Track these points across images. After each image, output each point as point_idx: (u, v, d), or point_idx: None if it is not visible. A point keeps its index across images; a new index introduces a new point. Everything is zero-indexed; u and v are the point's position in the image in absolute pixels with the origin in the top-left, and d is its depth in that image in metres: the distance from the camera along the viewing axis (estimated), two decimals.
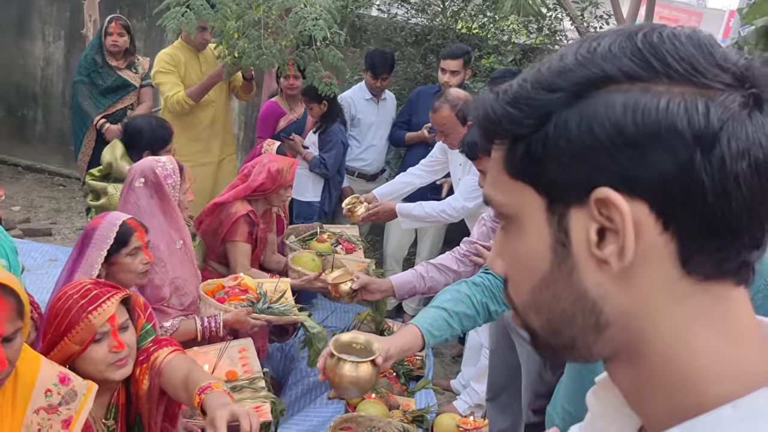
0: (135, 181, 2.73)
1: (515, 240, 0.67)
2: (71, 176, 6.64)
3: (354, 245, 4.05)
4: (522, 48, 5.43)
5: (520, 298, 0.68)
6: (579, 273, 0.62)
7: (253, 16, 3.72)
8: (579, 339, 0.64)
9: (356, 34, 5.62)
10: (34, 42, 6.76)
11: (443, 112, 3.50)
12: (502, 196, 0.67)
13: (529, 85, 0.63)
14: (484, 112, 0.66)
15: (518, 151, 0.64)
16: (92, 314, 1.88)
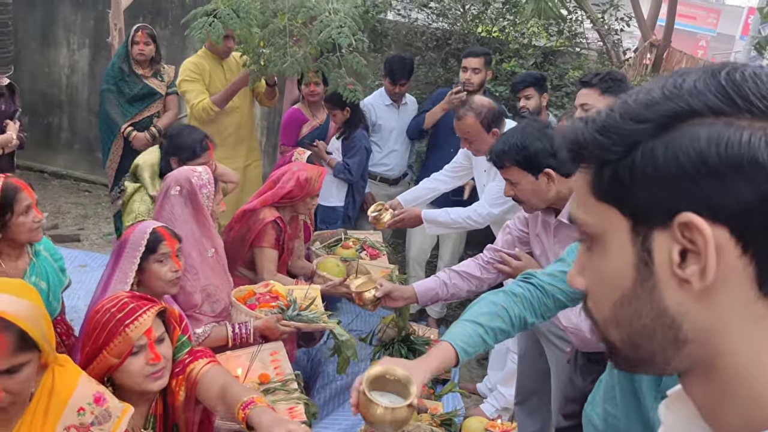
0: (171, 190, 2.78)
1: (599, 258, 0.72)
2: (97, 182, 6.73)
3: (378, 251, 4.08)
4: (543, 51, 5.44)
5: (601, 313, 0.73)
6: (660, 291, 0.66)
7: (278, 24, 3.76)
8: (658, 353, 0.69)
9: (377, 39, 5.65)
10: (59, 50, 6.87)
11: (468, 119, 3.53)
12: (588, 217, 0.72)
13: (617, 116, 0.69)
14: (573, 137, 0.72)
15: (605, 176, 0.69)
16: (129, 327, 1.92)
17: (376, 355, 4.10)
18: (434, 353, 1.82)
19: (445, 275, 2.81)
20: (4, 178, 2.51)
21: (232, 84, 4.50)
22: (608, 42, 5.21)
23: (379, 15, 5.66)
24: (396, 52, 5.66)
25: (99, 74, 6.71)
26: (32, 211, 2.53)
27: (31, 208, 2.53)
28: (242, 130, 4.78)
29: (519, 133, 2.50)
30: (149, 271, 2.45)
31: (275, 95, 4.87)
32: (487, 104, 3.58)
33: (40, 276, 2.62)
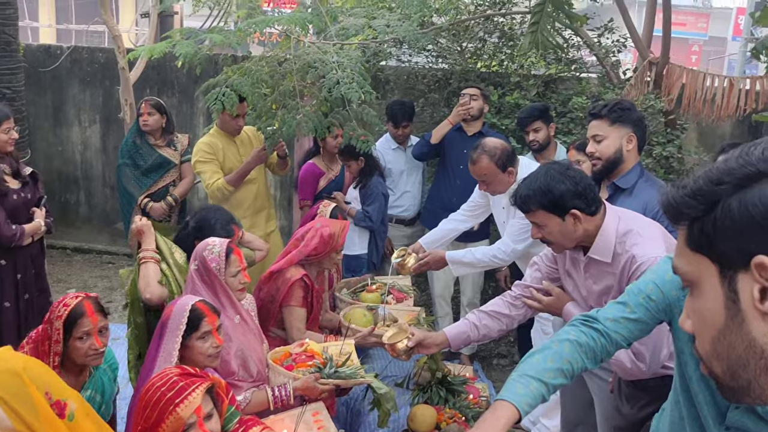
0: (192, 264, 2.89)
1: (697, 301, 0.86)
2: (119, 253, 6.84)
3: (405, 294, 4.11)
4: (543, 80, 5.54)
5: (704, 349, 0.86)
6: (747, 324, 0.79)
7: (288, 86, 3.87)
8: (753, 381, 0.80)
9: (379, 86, 5.77)
10: (71, 128, 7.04)
11: (483, 162, 3.60)
12: (686, 266, 0.87)
13: (702, 181, 0.83)
14: (668, 202, 0.87)
15: (695, 230, 0.84)
16: (179, 407, 1.96)
17: (414, 400, 4.11)
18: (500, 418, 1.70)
19: (475, 317, 2.83)
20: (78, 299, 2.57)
21: (246, 164, 4.60)
22: (607, 65, 5.29)
23: (380, 63, 5.78)
24: (399, 98, 5.78)
25: (111, 148, 6.88)
26: (90, 338, 2.54)
27: (90, 334, 2.55)
28: (259, 199, 4.84)
29: (542, 176, 2.51)
30: (191, 347, 2.51)
31: (287, 165, 4.98)
32: (500, 145, 3.65)
33: (97, 390, 2.66)
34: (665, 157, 4.81)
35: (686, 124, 5.17)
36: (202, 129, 6.25)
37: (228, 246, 2.90)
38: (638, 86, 4.96)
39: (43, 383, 1.85)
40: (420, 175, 5.19)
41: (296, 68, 3.77)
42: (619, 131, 2.93)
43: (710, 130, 5.75)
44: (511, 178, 3.64)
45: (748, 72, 11.67)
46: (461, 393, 4.10)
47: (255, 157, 4.58)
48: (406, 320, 3.69)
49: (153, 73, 6.53)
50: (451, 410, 3.87)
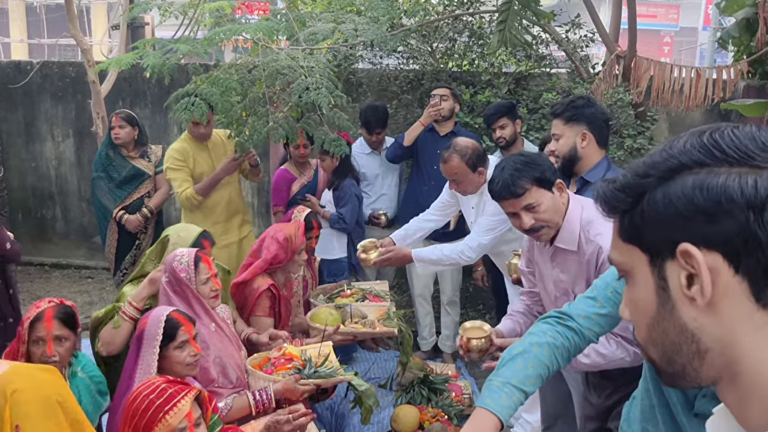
0: (163, 277, 2.89)
1: (632, 290, 0.89)
2: (97, 267, 6.79)
3: (381, 299, 4.11)
4: (514, 77, 5.58)
5: (641, 336, 0.89)
6: (677, 310, 0.82)
7: (257, 93, 3.87)
8: (688, 365, 0.83)
9: (352, 89, 5.78)
10: (44, 144, 6.98)
11: (453, 161, 3.63)
12: (620, 257, 0.90)
13: (629, 175, 0.87)
14: (599, 195, 0.91)
15: (626, 222, 0.87)
16: (169, 414, 1.97)
17: (397, 401, 4.13)
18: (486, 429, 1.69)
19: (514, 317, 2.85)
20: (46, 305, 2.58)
21: (215, 174, 4.62)
22: (576, 60, 5.34)
23: (352, 66, 5.79)
24: (372, 100, 5.80)
25: (86, 162, 6.83)
26: (44, 345, 2.54)
27: (43, 341, 2.54)
28: (232, 204, 4.86)
29: (516, 158, 2.56)
30: (169, 357, 2.51)
31: (260, 172, 5.01)
32: (471, 145, 3.68)
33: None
34: (636, 149, 4.86)
35: (656, 115, 5.23)
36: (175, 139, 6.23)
37: (196, 255, 2.90)
38: (607, 80, 5.01)
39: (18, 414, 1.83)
40: (396, 177, 5.20)
41: (265, 75, 3.77)
42: (573, 129, 2.96)
43: (680, 120, 5.82)
44: (481, 178, 3.67)
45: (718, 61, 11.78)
46: (444, 392, 4.13)
47: (225, 168, 4.60)
48: (376, 315, 3.70)
49: (125, 85, 6.50)
50: (434, 409, 3.90)
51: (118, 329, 2.93)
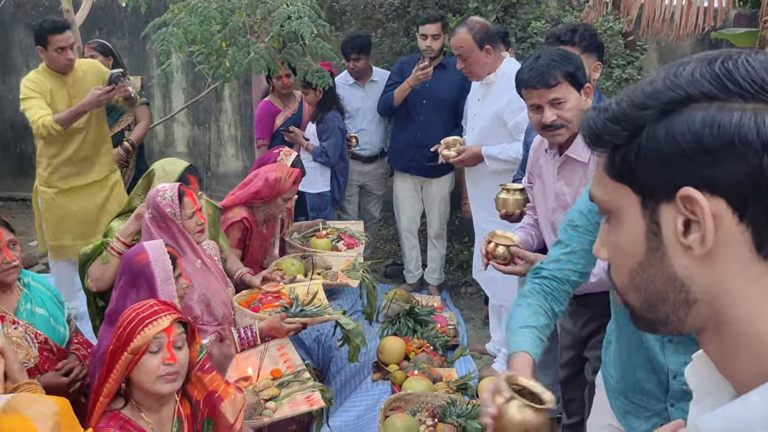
0: (146, 214, 2.82)
1: (616, 231, 0.81)
2: None
3: (357, 240, 4.09)
4: (502, 5, 5.43)
5: (621, 280, 0.83)
6: (668, 257, 0.75)
7: (237, 22, 3.75)
8: (672, 314, 0.77)
9: (335, 17, 5.62)
10: (20, 76, 6.72)
11: (460, 34, 3.58)
12: (605, 195, 0.82)
13: (625, 105, 0.77)
14: (589, 126, 0.81)
15: (617, 158, 0.78)
16: (149, 326, 1.99)
17: (384, 332, 4.18)
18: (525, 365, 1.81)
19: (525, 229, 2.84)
20: None
21: (80, 105, 4.13)
22: None
23: None
24: (357, 29, 5.65)
25: None
26: (2, 253, 2.48)
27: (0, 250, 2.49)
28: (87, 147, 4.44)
29: (552, 51, 2.47)
30: None
31: (136, 102, 4.62)
32: (481, 21, 3.64)
33: (36, 303, 2.60)
34: (625, 80, 4.80)
35: (646, 45, 5.15)
36: (155, 70, 6.07)
37: (179, 189, 2.85)
38: (597, 8, 4.90)
39: None
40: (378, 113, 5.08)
41: (245, 3, 3.64)
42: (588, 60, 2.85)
43: (670, 49, 5.72)
44: (488, 58, 3.60)
45: None
46: (429, 323, 4.18)
47: (91, 100, 4.10)
48: (342, 267, 3.67)
49: (101, 14, 6.28)
50: (420, 340, 3.95)
51: (107, 265, 2.89)
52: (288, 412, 2.54)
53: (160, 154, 6.56)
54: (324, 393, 2.67)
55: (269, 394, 2.59)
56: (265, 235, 3.71)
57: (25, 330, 2.47)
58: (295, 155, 3.93)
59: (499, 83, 3.63)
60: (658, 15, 4.98)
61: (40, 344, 2.49)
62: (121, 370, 1.98)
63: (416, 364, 3.62)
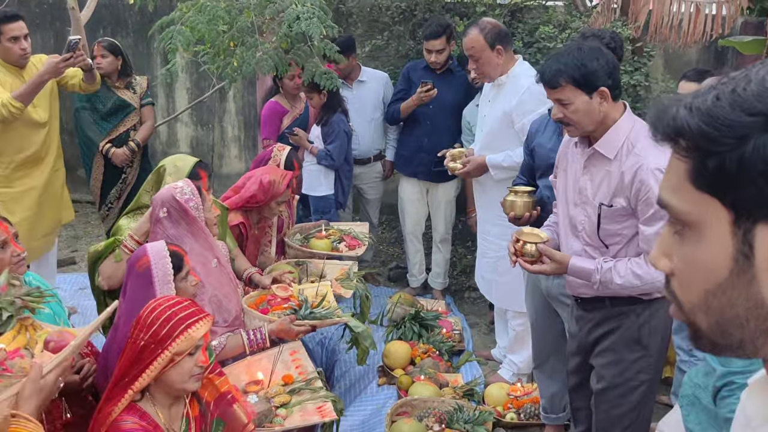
0: (159, 212, 2.75)
1: (692, 246, 0.72)
2: (82, 200, 6.66)
3: (360, 242, 4.06)
4: (509, 9, 5.42)
5: (689, 298, 0.73)
6: (758, 282, 0.66)
7: (246, 22, 3.73)
8: (748, 341, 0.69)
9: (342, 19, 5.60)
10: None
11: (471, 34, 3.56)
12: (685, 205, 0.71)
13: (727, 106, 0.67)
14: (677, 125, 0.70)
15: (710, 167, 0.67)
16: (192, 328, 2.01)
17: (389, 336, 4.15)
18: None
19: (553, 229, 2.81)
20: None
21: (38, 76, 3.93)
22: None
23: None
24: (363, 31, 5.63)
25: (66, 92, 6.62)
26: (10, 246, 2.47)
27: (7, 243, 2.47)
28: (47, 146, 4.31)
29: (575, 51, 2.46)
30: (177, 290, 2.43)
31: (95, 78, 4.45)
32: (492, 22, 3.63)
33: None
34: (632, 86, 4.77)
35: (653, 52, 5.13)
36: (159, 69, 6.05)
37: (195, 183, 2.83)
38: (605, 13, 4.88)
39: None
40: (370, 115, 4.98)
41: (254, 3, 3.62)
42: None
43: (676, 56, 5.71)
44: (499, 59, 3.58)
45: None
46: (434, 328, 4.16)
47: (50, 69, 3.92)
48: (337, 275, 3.61)
49: (106, 13, 6.26)
50: (425, 345, 3.93)
51: (119, 263, 2.86)
52: (299, 421, 2.51)
53: (163, 154, 6.52)
54: (336, 404, 2.64)
55: (280, 401, 2.56)
56: (257, 236, 3.68)
57: None
58: (288, 150, 3.90)
59: (511, 84, 3.61)
60: (666, 22, 4.97)
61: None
62: (159, 368, 1.99)
63: (422, 369, 3.60)
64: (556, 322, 3.12)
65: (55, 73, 4.01)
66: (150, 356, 1.98)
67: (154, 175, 3.16)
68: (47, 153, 4.33)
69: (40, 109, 4.20)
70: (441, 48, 4.52)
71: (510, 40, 3.67)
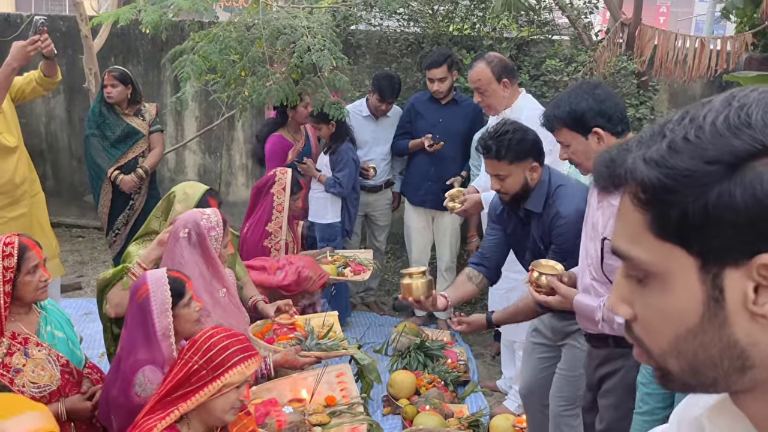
0: (180, 232, 2.75)
1: (657, 294, 0.70)
2: (89, 226, 6.71)
3: (364, 267, 4.06)
4: (516, 43, 5.49)
5: (659, 345, 0.71)
6: (731, 325, 0.66)
7: (257, 52, 3.78)
8: (721, 380, 0.69)
9: (350, 50, 5.67)
10: (34, 100, 6.82)
11: (478, 67, 3.62)
12: (646, 255, 0.69)
13: (685, 156, 0.65)
14: (638, 180, 0.68)
15: (672, 217, 0.66)
16: (245, 363, 2.05)
17: (393, 366, 4.14)
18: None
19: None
20: (18, 237, 2.52)
21: (6, 64, 3.73)
22: (579, 26, 5.26)
23: (350, 27, 5.68)
24: (371, 63, 5.70)
25: (77, 119, 6.71)
26: (39, 270, 2.50)
27: (38, 267, 2.50)
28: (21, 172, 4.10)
29: (567, 94, 2.54)
30: (178, 316, 2.41)
31: (57, 70, 4.17)
32: (499, 56, 3.69)
33: (54, 326, 2.60)
34: (638, 119, 4.82)
35: (658, 86, 5.18)
36: (169, 97, 6.12)
37: (223, 216, 2.85)
38: (610, 48, 4.94)
39: None
40: (387, 146, 5.06)
41: (265, 34, 3.68)
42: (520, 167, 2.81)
43: (681, 90, 5.77)
44: (506, 91, 3.63)
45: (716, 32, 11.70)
46: (439, 358, 4.15)
47: (17, 54, 3.70)
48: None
49: (117, 41, 6.35)
50: (430, 375, 3.91)
51: (127, 290, 2.87)
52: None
53: (171, 180, 6.57)
54: (372, 428, 2.65)
55: (318, 419, 2.57)
56: None
57: (48, 352, 2.47)
58: (290, 172, 3.94)
59: (514, 117, 3.64)
60: (671, 56, 5.04)
61: (62, 367, 2.48)
62: (208, 395, 2.02)
63: (427, 400, 3.58)
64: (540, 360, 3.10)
65: (24, 59, 3.76)
66: (200, 381, 2.01)
67: (164, 202, 3.19)
68: (22, 180, 4.13)
69: (7, 134, 4.02)
70: (442, 77, 4.58)
71: (515, 74, 3.72)
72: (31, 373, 2.38)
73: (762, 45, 5.48)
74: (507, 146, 2.70)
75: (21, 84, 4.15)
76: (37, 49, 3.74)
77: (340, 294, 4.69)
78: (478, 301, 5.18)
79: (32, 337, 2.46)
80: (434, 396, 3.61)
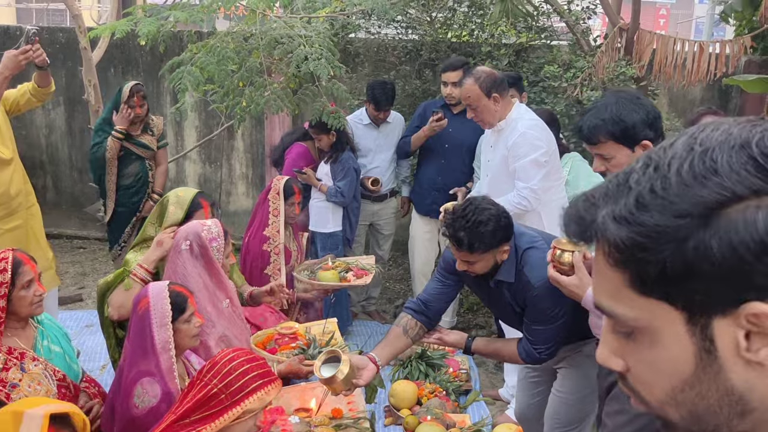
0: (181, 245, 2.75)
1: (648, 348, 0.69)
2: (90, 237, 6.71)
3: (366, 271, 4.05)
4: (514, 49, 5.49)
5: (655, 396, 0.71)
6: (726, 373, 0.65)
7: (254, 62, 3.78)
8: (723, 425, 0.68)
9: (349, 58, 5.68)
10: (34, 111, 6.82)
11: (467, 84, 3.60)
12: (630, 312, 0.68)
13: (655, 211, 0.64)
14: (612, 242, 0.67)
15: (651, 273, 0.65)
16: (265, 389, 2.04)
17: (395, 375, 4.11)
18: None
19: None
20: (12, 252, 2.51)
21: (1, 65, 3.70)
22: (577, 32, 5.26)
23: (348, 35, 5.69)
24: (369, 71, 5.70)
25: (77, 130, 6.72)
26: (34, 285, 2.50)
27: (33, 282, 2.50)
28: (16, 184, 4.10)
29: (613, 105, 2.34)
30: (178, 331, 2.41)
31: (50, 80, 4.19)
32: (487, 71, 3.66)
33: (51, 341, 2.60)
34: None
35: (657, 90, 5.17)
36: (169, 108, 6.12)
37: (224, 227, 2.85)
38: (609, 53, 4.94)
39: None
40: (391, 153, 5.08)
41: (263, 44, 3.68)
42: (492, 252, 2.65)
43: (681, 95, 5.77)
44: (497, 106, 3.61)
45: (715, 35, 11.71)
46: (441, 367, 4.11)
47: (8, 63, 3.72)
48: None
49: (117, 53, 6.36)
50: (432, 384, 3.88)
51: (129, 291, 2.85)
52: None
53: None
54: None
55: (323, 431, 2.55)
56: None
57: (45, 367, 2.46)
58: (286, 179, 3.99)
59: (509, 129, 3.65)
60: (670, 61, 5.03)
61: (58, 381, 2.48)
62: (228, 421, 2.00)
63: (429, 410, 3.55)
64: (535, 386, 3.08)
65: (16, 68, 3.75)
66: (219, 405, 1.99)
67: (158, 208, 3.19)
68: (18, 192, 4.13)
69: (2, 146, 4.02)
70: (456, 80, 4.56)
71: (505, 86, 3.69)
72: (28, 388, 2.37)
73: (761, 48, 5.48)
74: (480, 239, 2.50)
75: (15, 96, 4.16)
76: (28, 59, 3.75)
77: (340, 303, 4.67)
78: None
79: (29, 351, 2.45)
80: (436, 406, 3.57)
